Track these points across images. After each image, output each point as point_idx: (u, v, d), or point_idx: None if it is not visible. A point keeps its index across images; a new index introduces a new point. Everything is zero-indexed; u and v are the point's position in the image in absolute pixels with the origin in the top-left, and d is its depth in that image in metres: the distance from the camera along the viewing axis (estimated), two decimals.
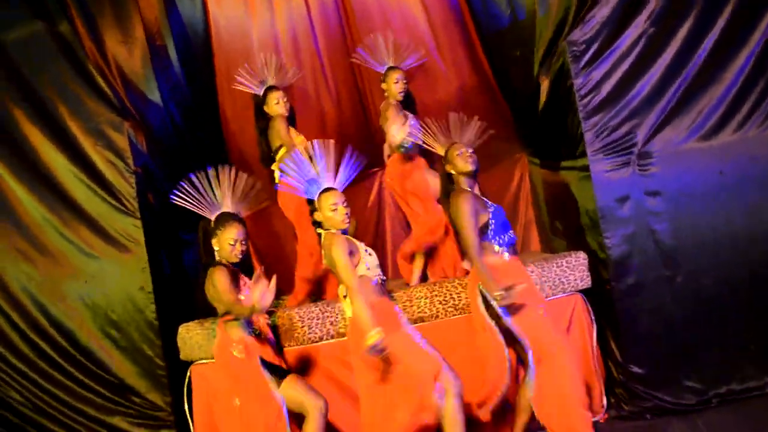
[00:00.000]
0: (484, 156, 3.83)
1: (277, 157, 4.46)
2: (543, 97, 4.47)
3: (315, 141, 3.41)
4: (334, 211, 3.36)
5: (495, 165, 5.22)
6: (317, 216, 3.43)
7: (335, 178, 3.47)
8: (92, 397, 4.04)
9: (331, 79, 5.21)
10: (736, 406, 3.82)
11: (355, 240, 3.45)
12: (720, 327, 3.93)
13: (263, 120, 4.52)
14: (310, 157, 3.43)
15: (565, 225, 4.59)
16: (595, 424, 3.60)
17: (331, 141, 3.42)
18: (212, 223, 3.46)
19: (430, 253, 4.47)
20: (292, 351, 3.94)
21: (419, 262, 4.46)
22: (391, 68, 4.56)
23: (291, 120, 4.59)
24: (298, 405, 3.37)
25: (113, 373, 4.03)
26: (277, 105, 4.48)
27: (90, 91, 4.04)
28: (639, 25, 3.97)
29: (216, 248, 3.41)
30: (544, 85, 4.43)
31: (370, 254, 3.43)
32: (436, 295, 4.05)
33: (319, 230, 3.47)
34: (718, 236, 3.93)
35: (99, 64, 4.14)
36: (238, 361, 3.31)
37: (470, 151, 3.61)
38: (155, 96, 4.43)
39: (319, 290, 4.48)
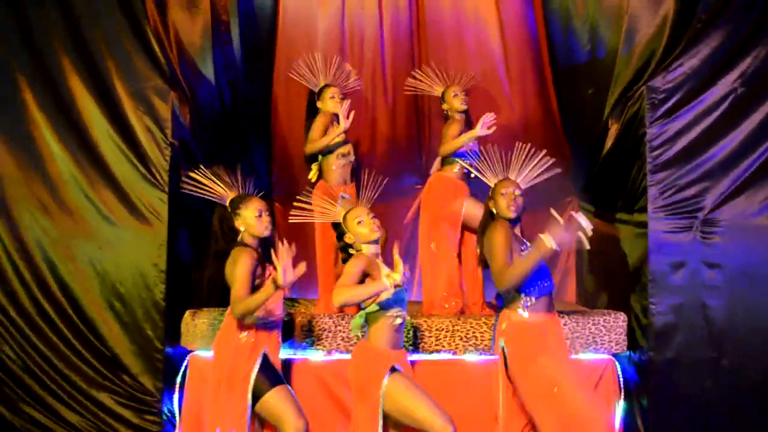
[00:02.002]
0: (532, 193, 3.52)
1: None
2: (609, 143, 4.18)
3: None
4: (360, 224, 3.15)
5: (543, 205, 4.91)
6: (348, 239, 3.21)
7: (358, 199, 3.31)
8: (84, 368, 3.84)
9: (391, 89, 5.00)
10: None
11: (380, 261, 3.20)
12: (762, 422, 3.57)
13: (313, 118, 4.34)
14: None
15: (609, 282, 4.28)
16: None
17: None
18: (228, 207, 3.30)
19: None
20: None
21: None
22: (447, 87, 4.39)
23: None
24: (276, 419, 3.15)
25: (109, 348, 3.83)
26: (331, 100, 4.31)
27: (141, 53, 3.86)
28: (728, 83, 3.69)
29: (242, 228, 3.23)
30: (613, 129, 4.15)
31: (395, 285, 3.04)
32: (458, 330, 3.79)
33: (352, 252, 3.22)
34: None
35: (157, 27, 3.97)
36: (240, 348, 3.11)
37: (517, 192, 3.27)
38: (208, 71, 4.25)
39: None
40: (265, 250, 3.26)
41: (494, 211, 3.28)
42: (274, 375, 3.20)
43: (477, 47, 4.78)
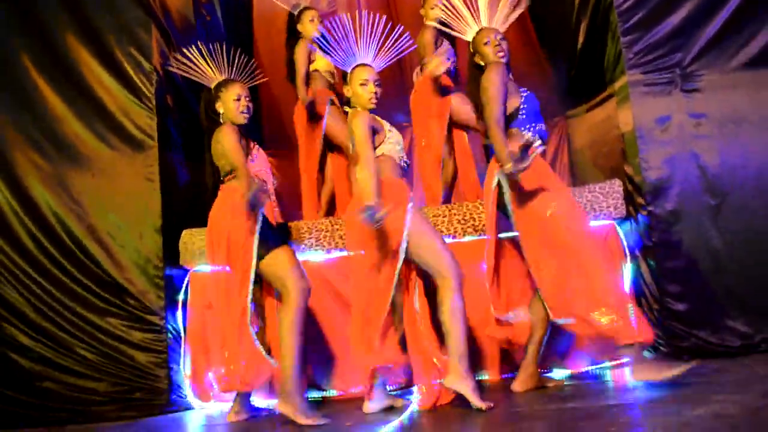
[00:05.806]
0: None
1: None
2: (581, 38, 4.28)
3: (363, 14, 3.19)
4: (363, 86, 3.16)
5: None
6: (346, 91, 3.25)
7: (374, 58, 3.26)
8: (88, 296, 3.80)
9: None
10: None
11: (379, 119, 3.26)
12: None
13: (294, 39, 4.49)
14: (354, 31, 3.21)
15: (602, 163, 4.28)
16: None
17: (383, 17, 3.20)
18: (213, 90, 3.41)
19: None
20: None
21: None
22: None
23: None
24: (279, 280, 3.12)
25: (110, 273, 3.82)
26: (311, 23, 4.44)
27: None
28: None
29: (221, 111, 3.34)
30: (583, 24, 4.24)
31: (394, 135, 3.24)
32: (455, 214, 3.79)
33: (346, 108, 3.30)
34: None
35: None
36: (237, 210, 3.10)
37: (499, 37, 3.26)
38: (189, 12, 4.48)
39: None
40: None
41: (481, 63, 3.30)
42: (275, 235, 3.20)
43: None
